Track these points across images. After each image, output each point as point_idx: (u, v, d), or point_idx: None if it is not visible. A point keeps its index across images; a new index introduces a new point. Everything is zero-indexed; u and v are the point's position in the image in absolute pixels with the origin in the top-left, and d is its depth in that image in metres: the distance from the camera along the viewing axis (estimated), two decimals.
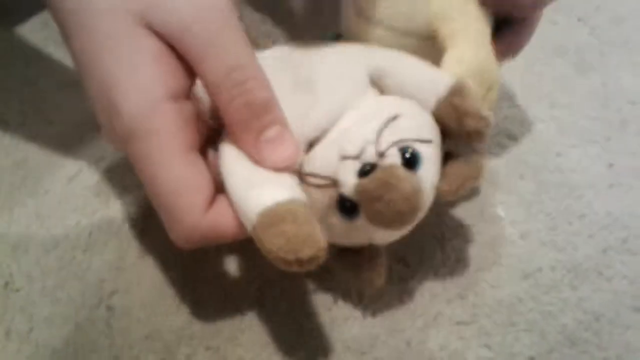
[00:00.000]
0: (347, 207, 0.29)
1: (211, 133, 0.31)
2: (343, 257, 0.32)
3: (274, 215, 0.26)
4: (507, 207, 0.40)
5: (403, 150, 0.28)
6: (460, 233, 0.39)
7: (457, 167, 0.31)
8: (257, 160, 0.29)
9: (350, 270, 0.32)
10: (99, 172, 0.41)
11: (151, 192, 0.28)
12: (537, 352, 0.34)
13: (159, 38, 0.28)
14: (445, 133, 0.31)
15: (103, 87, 0.28)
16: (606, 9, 0.56)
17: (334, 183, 0.28)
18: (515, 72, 0.49)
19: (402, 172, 0.27)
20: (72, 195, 0.40)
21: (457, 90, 0.30)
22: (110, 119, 0.28)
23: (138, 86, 0.27)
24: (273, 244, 0.26)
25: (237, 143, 0.29)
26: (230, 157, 0.29)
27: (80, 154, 0.42)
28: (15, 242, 0.37)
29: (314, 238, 0.26)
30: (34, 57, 0.48)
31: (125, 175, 0.40)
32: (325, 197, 0.29)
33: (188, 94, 0.29)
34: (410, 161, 0.28)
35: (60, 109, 0.44)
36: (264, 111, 0.28)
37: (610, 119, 0.46)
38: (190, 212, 0.27)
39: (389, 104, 0.31)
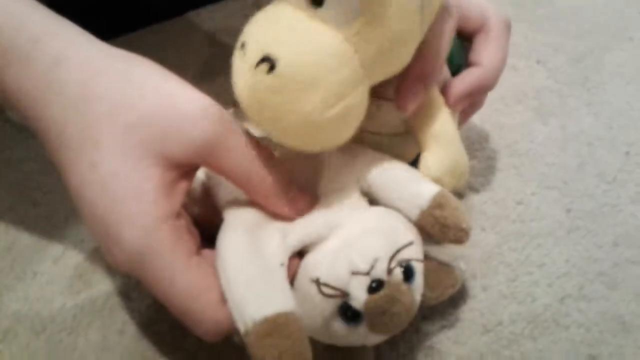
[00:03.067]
0: (349, 315, 0.31)
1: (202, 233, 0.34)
2: (333, 355, 0.34)
3: (270, 327, 0.29)
4: (468, 260, 0.42)
5: (402, 265, 0.31)
6: None
7: (438, 276, 0.36)
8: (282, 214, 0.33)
9: None
10: (83, 252, 0.43)
11: (168, 304, 0.31)
12: None
13: (164, 165, 0.30)
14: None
15: (103, 221, 0.30)
16: (564, 50, 0.58)
17: (344, 294, 0.31)
18: (476, 122, 0.51)
19: (404, 287, 0.31)
20: (58, 277, 0.42)
21: (438, 203, 0.33)
22: (110, 248, 0.31)
23: (136, 217, 0.30)
24: (265, 353, 0.28)
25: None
26: (227, 253, 0.31)
27: (65, 234, 0.44)
28: (6, 327, 0.40)
29: (304, 356, 0.29)
30: (19, 139, 0.50)
31: None
32: (329, 304, 0.31)
33: (180, 211, 0.32)
34: (408, 274, 0.32)
35: (45, 191, 0.47)
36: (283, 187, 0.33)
37: (568, 163, 0.48)
38: (208, 311, 0.31)
39: (392, 224, 0.33)
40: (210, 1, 0.60)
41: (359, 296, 0.30)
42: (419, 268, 0.32)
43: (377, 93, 0.35)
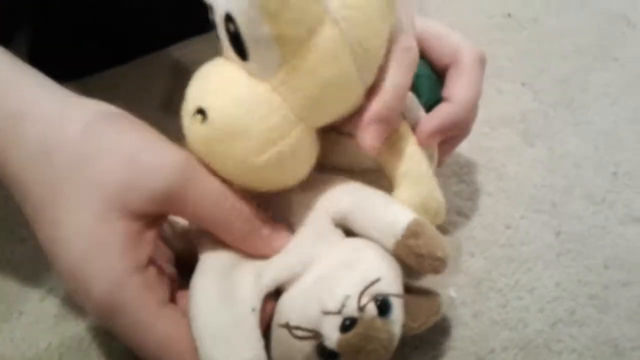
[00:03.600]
0: (327, 354, 0.31)
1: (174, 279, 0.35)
2: None
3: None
4: (459, 287, 0.41)
5: (377, 300, 0.31)
6: None
7: (419, 305, 0.35)
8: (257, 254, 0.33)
9: None
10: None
11: (141, 352, 0.31)
12: None
13: (127, 217, 0.31)
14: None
15: (71, 277, 0.31)
16: (549, 71, 0.59)
17: (317, 335, 0.30)
18: (463, 146, 0.51)
19: (379, 322, 0.31)
20: (43, 315, 0.41)
21: (412, 232, 0.33)
22: (82, 300, 0.31)
23: (103, 273, 0.30)
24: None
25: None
26: (197, 301, 0.32)
27: (51, 271, 0.44)
28: None
29: None
30: None
31: None
32: (305, 345, 0.31)
33: (149, 260, 0.32)
34: (383, 308, 0.31)
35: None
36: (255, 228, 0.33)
37: (555, 185, 0.48)
38: (181, 357, 0.31)
39: (363, 257, 0.33)
40: (180, 38, 0.59)
41: (331, 336, 0.30)
42: (396, 301, 0.32)
43: (342, 130, 0.35)
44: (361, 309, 0.30)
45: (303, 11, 0.29)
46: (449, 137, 0.40)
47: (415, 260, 0.33)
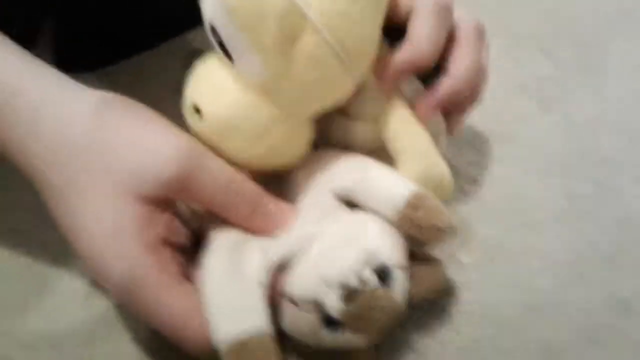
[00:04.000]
0: (333, 323, 0.32)
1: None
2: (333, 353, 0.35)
3: (239, 349, 0.31)
4: (470, 252, 0.42)
5: (378, 270, 0.32)
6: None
7: (423, 273, 0.36)
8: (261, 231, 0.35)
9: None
10: None
11: (160, 328, 0.34)
12: None
13: (139, 201, 0.33)
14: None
15: (92, 261, 0.33)
16: (568, 37, 0.58)
17: (321, 306, 0.32)
18: (477, 115, 0.51)
19: (381, 292, 0.32)
20: (75, 293, 0.44)
21: (413, 204, 0.34)
22: (104, 283, 0.34)
23: (122, 252, 0.32)
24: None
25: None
26: (207, 277, 0.33)
27: None
28: (27, 343, 0.42)
29: None
30: None
31: None
32: (311, 316, 0.33)
33: (165, 238, 0.34)
34: (385, 278, 0.32)
35: None
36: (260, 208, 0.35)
37: (570, 151, 0.48)
38: (194, 335, 0.33)
39: (364, 230, 0.34)
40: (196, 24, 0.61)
41: (334, 307, 0.31)
42: (397, 270, 0.33)
43: (346, 112, 0.37)
44: (362, 280, 0.31)
45: (280, 22, 0.31)
46: (456, 106, 0.40)
47: (417, 231, 0.34)
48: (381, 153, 0.38)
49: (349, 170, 0.36)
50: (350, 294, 0.31)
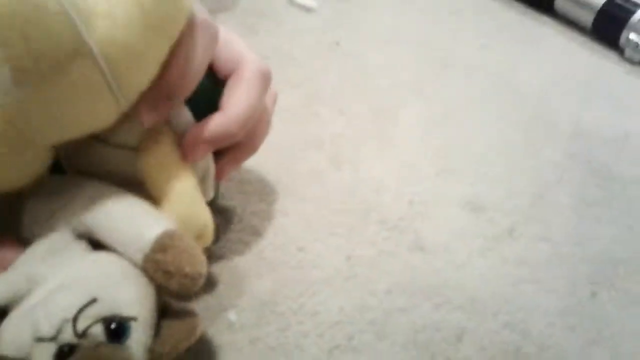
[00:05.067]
0: None
1: None
2: None
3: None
4: (240, 310, 0.40)
5: (108, 323, 0.28)
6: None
7: (172, 328, 0.31)
8: None
9: None
10: None
11: None
12: None
13: None
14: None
15: None
16: (366, 102, 0.59)
17: None
18: (270, 167, 0.50)
19: (106, 349, 0.27)
20: None
21: (160, 246, 0.30)
22: None
23: None
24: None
25: None
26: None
27: None
28: None
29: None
30: None
31: None
32: None
33: None
34: (117, 332, 0.28)
35: None
36: None
37: (354, 210, 0.48)
38: None
39: (98, 274, 0.30)
40: None
41: None
42: (135, 323, 0.29)
43: (105, 138, 0.33)
44: (82, 334, 0.27)
45: (46, 48, 0.27)
46: (232, 150, 0.38)
47: (162, 277, 0.30)
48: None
49: (93, 203, 0.31)
50: (63, 351, 0.26)
